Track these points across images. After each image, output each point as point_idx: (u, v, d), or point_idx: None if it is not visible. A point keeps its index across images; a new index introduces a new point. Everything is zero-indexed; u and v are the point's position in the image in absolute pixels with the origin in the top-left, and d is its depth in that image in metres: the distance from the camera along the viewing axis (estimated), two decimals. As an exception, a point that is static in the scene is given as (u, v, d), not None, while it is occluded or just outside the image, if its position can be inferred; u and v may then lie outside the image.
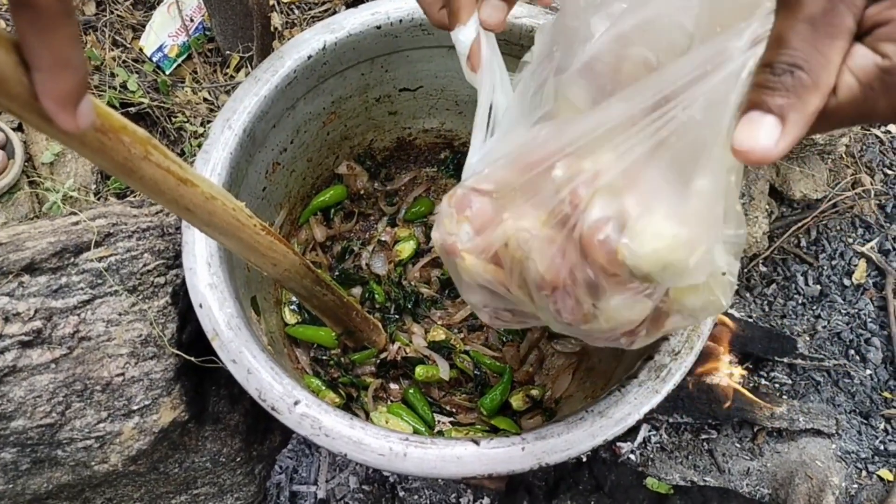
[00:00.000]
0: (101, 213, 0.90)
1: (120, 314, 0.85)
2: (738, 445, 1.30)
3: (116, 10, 1.53)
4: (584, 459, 0.98)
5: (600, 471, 0.91)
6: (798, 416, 1.31)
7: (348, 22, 0.90)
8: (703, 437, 1.30)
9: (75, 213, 0.90)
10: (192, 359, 0.84)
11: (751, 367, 1.38)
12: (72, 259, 0.86)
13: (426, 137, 1.18)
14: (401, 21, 0.92)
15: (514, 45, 0.96)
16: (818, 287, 1.49)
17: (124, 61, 1.51)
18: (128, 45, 1.53)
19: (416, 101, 1.10)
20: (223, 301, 0.77)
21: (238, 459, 0.96)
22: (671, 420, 1.26)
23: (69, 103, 0.34)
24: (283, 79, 0.88)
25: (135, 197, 1.16)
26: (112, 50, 1.51)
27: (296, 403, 0.73)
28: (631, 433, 1.28)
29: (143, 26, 1.52)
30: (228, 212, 0.58)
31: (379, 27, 0.92)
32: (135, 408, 0.83)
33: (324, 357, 1.06)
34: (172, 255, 0.89)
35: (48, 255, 0.85)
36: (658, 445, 1.28)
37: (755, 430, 1.31)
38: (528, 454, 0.73)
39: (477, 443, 0.73)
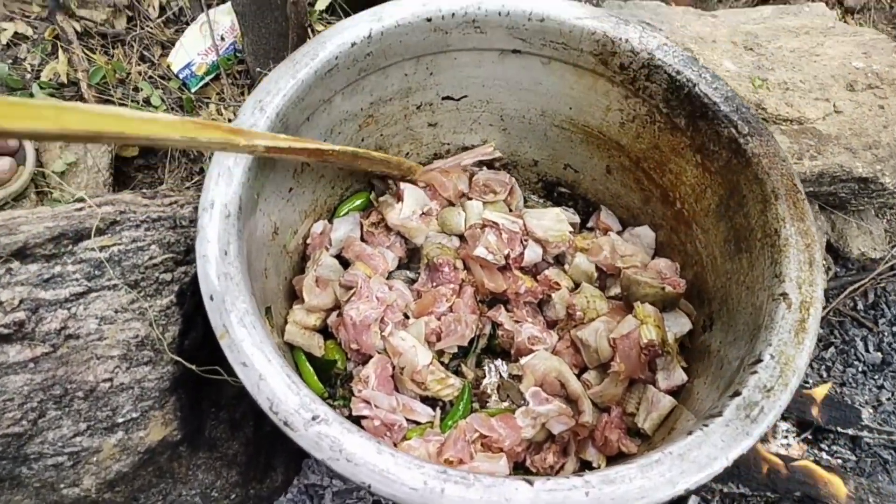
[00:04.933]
0: (109, 201, 0.80)
1: (116, 311, 0.74)
2: (800, 526, 1.14)
3: (147, 26, 1.49)
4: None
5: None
6: (867, 497, 1.14)
7: (397, 11, 0.83)
8: (760, 513, 1.14)
9: (82, 200, 0.80)
10: (193, 367, 0.72)
11: (810, 437, 1.23)
12: (69, 246, 0.76)
13: (465, 157, 1.09)
14: (453, 15, 0.85)
15: (573, 50, 0.88)
16: (879, 354, 1.36)
17: (150, 77, 1.45)
18: (155, 62, 1.48)
19: (459, 113, 1.01)
20: (237, 295, 0.65)
21: (233, 497, 0.81)
22: (725, 490, 1.11)
23: None
24: (324, 64, 0.80)
25: (146, 189, 1.06)
26: (139, 65, 1.46)
27: (314, 419, 0.60)
28: (678, 503, 1.12)
29: (173, 44, 1.47)
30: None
31: (429, 19, 0.84)
32: (120, 420, 0.70)
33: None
34: (183, 249, 0.79)
35: (43, 240, 0.75)
36: (709, 520, 1.12)
37: (818, 509, 1.15)
38: (592, 501, 0.59)
39: (531, 483, 0.60)
